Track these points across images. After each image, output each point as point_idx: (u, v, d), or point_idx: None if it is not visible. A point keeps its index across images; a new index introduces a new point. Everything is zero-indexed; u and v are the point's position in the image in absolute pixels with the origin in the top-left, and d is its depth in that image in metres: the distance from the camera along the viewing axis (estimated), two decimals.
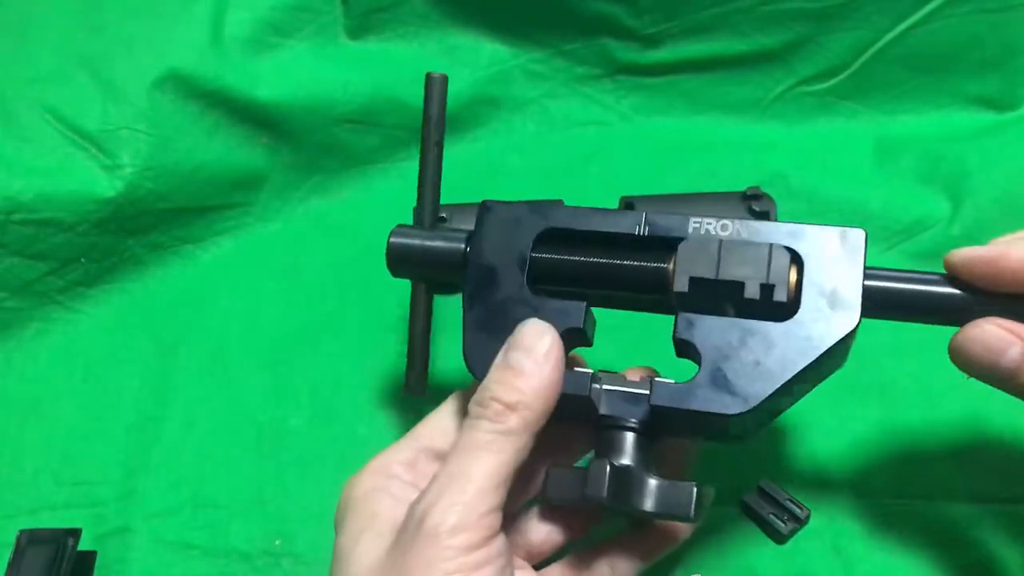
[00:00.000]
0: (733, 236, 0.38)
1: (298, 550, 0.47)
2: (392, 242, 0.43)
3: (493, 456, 0.35)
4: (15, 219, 0.53)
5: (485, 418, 0.36)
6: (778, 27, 0.61)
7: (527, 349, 0.37)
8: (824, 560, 0.46)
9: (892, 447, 0.49)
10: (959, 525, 0.46)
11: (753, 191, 0.56)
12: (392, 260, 0.43)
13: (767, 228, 0.39)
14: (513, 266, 0.40)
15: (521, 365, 0.36)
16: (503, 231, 0.40)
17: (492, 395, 0.36)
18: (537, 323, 0.37)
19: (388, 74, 0.62)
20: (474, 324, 0.40)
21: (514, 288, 0.40)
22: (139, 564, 0.47)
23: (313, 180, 0.62)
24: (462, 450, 0.36)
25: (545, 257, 0.40)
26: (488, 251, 0.40)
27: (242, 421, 0.52)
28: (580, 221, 0.40)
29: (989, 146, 0.59)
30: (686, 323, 0.38)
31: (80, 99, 0.55)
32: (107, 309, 0.57)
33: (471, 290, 0.40)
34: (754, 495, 0.47)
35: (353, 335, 0.55)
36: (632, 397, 0.39)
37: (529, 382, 0.36)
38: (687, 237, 0.39)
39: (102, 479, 0.50)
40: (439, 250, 0.42)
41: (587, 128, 0.65)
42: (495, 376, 0.36)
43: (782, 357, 0.37)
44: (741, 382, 0.37)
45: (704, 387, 0.38)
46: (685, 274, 0.38)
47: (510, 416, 0.35)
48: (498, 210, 0.41)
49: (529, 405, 0.36)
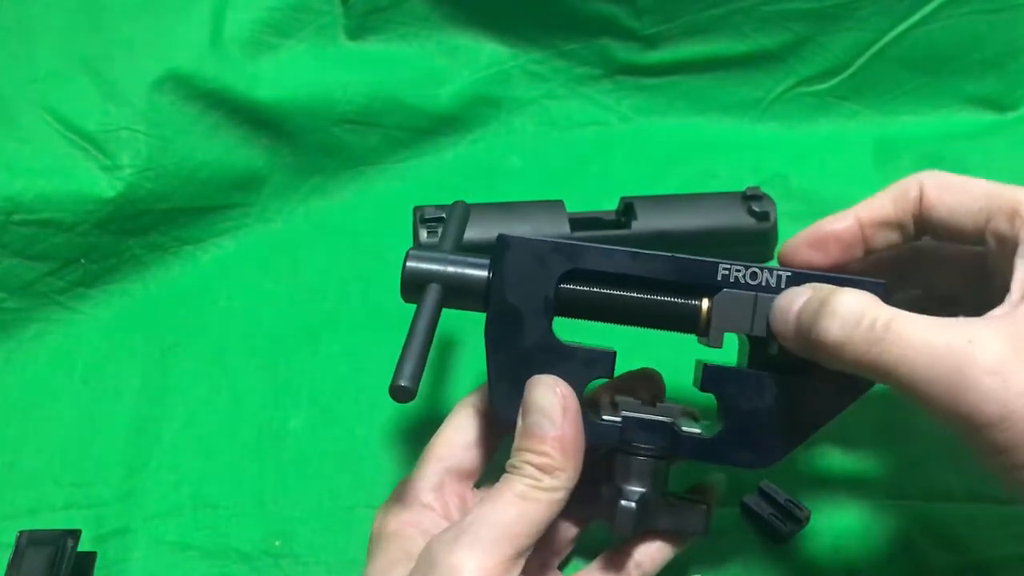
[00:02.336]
0: (762, 285, 0.38)
1: (298, 551, 0.47)
2: (409, 267, 0.39)
3: (529, 505, 0.35)
4: (15, 219, 0.53)
5: (522, 475, 0.36)
6: (778, 28, 0.61)
7: (541, 411, 0.37)
8: (824, 561, 0.46)
9: (892, 447, 0.49)
10: (959, 525, 0.46)
11: (753, 191, 0.56)
12: (408, 285, 0.39)
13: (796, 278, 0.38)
14: (538, 311, 0.38)
15: (540, 429, 0.36)
16: (526, 271, 0.38)
17: (524, 460, 0.36)
18: (545, 381, 0.37)
19: (388, 75, 0.62)
20: (499, 371, 0.39)
21: (539, 335, 0.38)
22: (139, 565, 0.46)
23: (313, 180, 0.62)
24: (496, 496, 0.36)
25: (571, 288, 0.39)
26: (511, 291, 0.38)
27: (242, 422, 0.52)
28: (608, 263, 0.39)
29: (989, 146, 0.59)
30: (713, 374, 0.39)
31: (80, 100, 0.55)
32: (107, 310, 0.57)
33: (495, 334, 0.39)
34: (754, 496, 0.46)
35: (353, 335, 0.55)
36: (655, 425, 0.39)
37: (552, 444, 0.36)
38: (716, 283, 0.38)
39: (102, 480, 0.50)
40: (461, 278, 0.39)
41: (587, 128, 0.65)
42: (520, 443, 0.37)
43: (807, 412, 0.38)
44: (766, 438, 0.38)
45: (730, 443, 0.38)
46: (720, 330, 0.38)
47: (545, 477, 0.36)
48: (519, 247, 0.38)
49: (560, 466, 0.36)
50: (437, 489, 0.40)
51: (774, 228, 0.56)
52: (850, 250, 0.40)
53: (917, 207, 0.38)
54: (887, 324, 0.32)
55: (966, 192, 0.37)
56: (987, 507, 0.47)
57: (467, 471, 0.41)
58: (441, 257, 0.40)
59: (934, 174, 0.38)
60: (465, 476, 0.41)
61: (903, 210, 0.39)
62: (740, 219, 0.56)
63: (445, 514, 0.40)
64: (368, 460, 0.50)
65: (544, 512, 0.36)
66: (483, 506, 0.35)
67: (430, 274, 0.39)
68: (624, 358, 0.40)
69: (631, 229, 0.55)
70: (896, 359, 0.32)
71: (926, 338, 0.31)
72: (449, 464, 0.40)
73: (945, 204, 0.37)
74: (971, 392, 0.30)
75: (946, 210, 0.37)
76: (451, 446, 0.41)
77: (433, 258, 0.40)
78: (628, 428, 0.39)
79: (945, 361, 0.31)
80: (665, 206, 0.56)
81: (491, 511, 0.35)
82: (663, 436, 0.39)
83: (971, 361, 0.30)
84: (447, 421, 0.42)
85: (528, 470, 0.36)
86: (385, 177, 0.63)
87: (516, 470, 0.36)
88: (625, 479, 0.39)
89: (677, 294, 0.39)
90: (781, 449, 0.38)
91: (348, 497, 0.49)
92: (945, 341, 0.31)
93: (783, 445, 0.38)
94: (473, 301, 0.39)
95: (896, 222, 0.39)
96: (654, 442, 0.39)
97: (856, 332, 0.33)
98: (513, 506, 0.35)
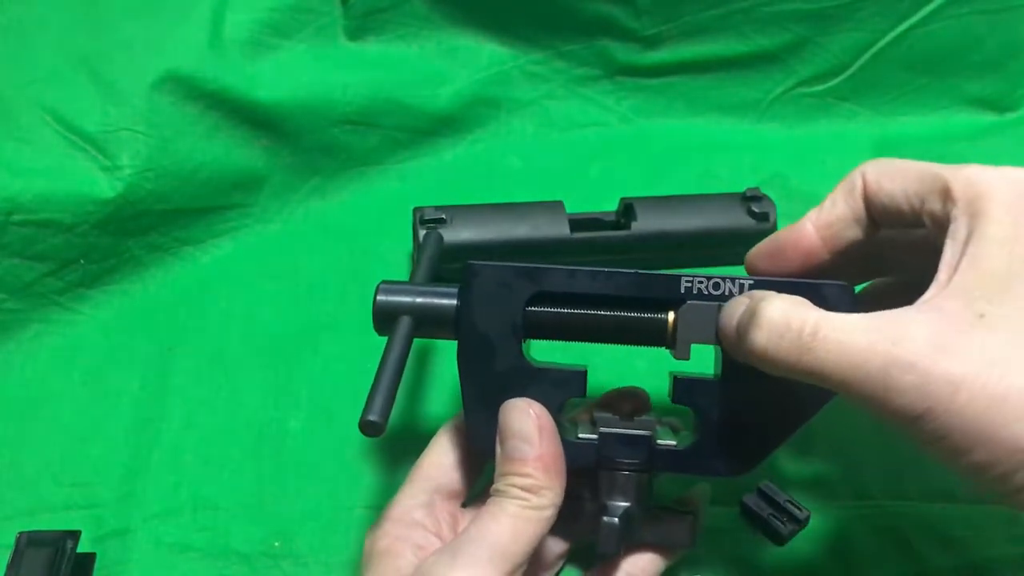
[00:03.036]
0: (725, 295, 0.38)
1: (297, 551, 0.47)
2: (379, 300, 0.40)
3: (521, 523, 0.36)
4: (14, 220, 0.53)
5: (510, 497, 0.36)
6: (777, 28, 0.61)
7: (517, 434, 0.37)
8: (823, 561, 0.46)
9: (892, 448, 0.49)
10: (958, 526, 0.46)
11: (752, 192, 0.56)
12: (379, 319, 0.40)
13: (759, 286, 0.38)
14: (508, 335, 0.39)
15: (520, 452, 0.37)
16: (492, 297, 0.39)
17: (509, 483, 0.37)
18: (518, 405, 0.38)
19: (387, 75, 0.62)
20: (473, 399, 0.39)
21: (511, 359, 0.39)
22: (138, 566, 0.46)
23: (312, 181, 0.62)
24: (488, 515, 0.36)
25: (538, 311, 0.39)
26: (479, 319, 0.39)
27: (241, 422, 0.52)
28: (571, 284, 0.39)
29: (989, 147, 0.59)
30: (684, 387, 0.39)
31: (79, 100, 0.55)
32: (106, 310, 0.57)
33: (466, 362, 0.39)
34: (754, 496, 0.46)
35: (352, 336, 0.55)
36: (632, 439, 0.39)
37: (534, 465, 0.37)
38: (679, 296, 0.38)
39: (101, 480, 0.50)
40: (431, 308, 0.40)
41: (586, 129, 0.65)
42: (504, 468, 0.37)
43: (780, 418, 0.38)
44: (740, 446, 0.38)
45: (704, 453, 0.39)
46: (686, 342, 0.38)
47: (532, 497, 0.36)
48: (485, 274, 0.39)
49: (546, 484, 0.37)
50: (427, 507, 0.40)
51: (774, 229, 0.56)
52: (811, 257, 0.40)
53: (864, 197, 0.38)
54: (814, 331, 0.32)
55: (902, 175, 0.36)
56: (986, 508, 0.47)
57: (454, 491, 0.41)
58: (410, 289, 0.40)
59: (875, 162, 0.38)
60: (453, 496, 0.41)
61: (854, 205, 0.38)
62: (740, 220, 0.56)
63: (436, 531, 0.40)
64: (367, 461, 0.50)
65: (536, 529, 0.36)
66: (477, 525, 0.36)
67: (400, 306, 0.40)
68: (606, 373, 0.40)
69: (631, 230, 0.55)
70: (824, 365, 0.32)
71: (852, 341, 0.31)
72: (437, 484, 0.41)
73: (884, 190, 0.37)
74: (895, 391, 0.30)
75: (885, 196, 0.37)
76: (438, 467, 0.41)
77: (403, 290, 0.40)
78: (606, 444, 0.39)
79: (870, 364, 0.31)
80: (665, 207, 0.56)
81: (485, 530, 0.36)
82: (641, 450, 0.39)
83: (893, 360, 0.30)
84: (432, 443, 0.42)
85: (515, 492, 0.36)
86: (385, 178, 0.63)
87: (503, 493, 0.37)
88: (608, 495, 0.39)
89: (644, 309, 0.39)
90: (755, 456, 0.39)
91: (347, 498, 0.49)
92: (869, 343, 0.31)
93: (757, 452, 0.38)
94: (444, 330, 0.40)
95: (851, 218, 0.39)
96: (633, 456, 0.39)
97: (783, 341, 0.33)
98: (506, 525, 0.36)
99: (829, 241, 0.39)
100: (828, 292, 0.37)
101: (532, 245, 0.54)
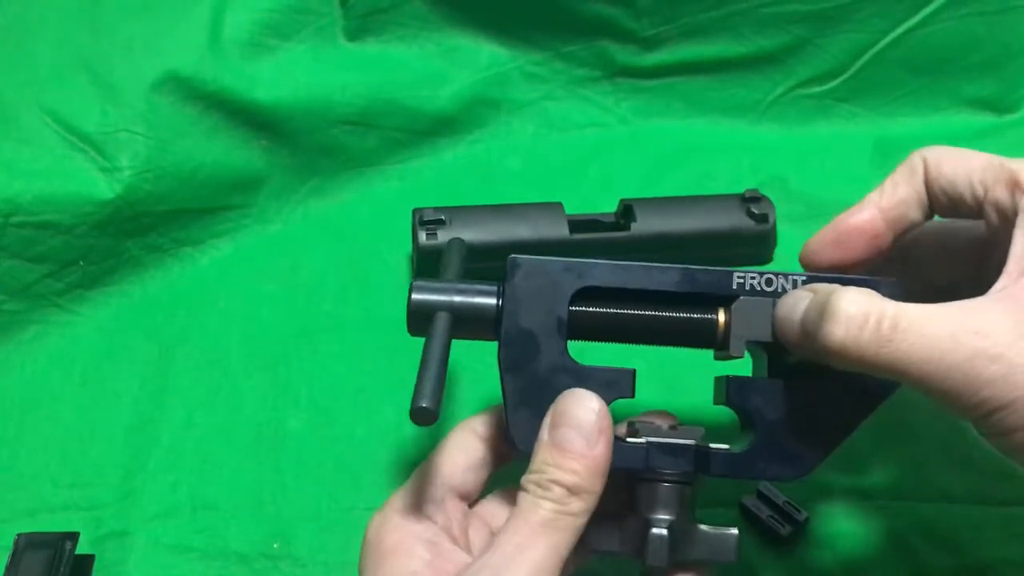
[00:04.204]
0: (778, 291, 0.37)
1: (296, 552, 0.47)
2: (414, 299, 0.38)
3: (556, 534, 0.34)
4: (14, 221, 0.53)
5: (547, 498, 0.34)
6: (776, 30, 0.61)
7: (575, 426, 0.35)
8: (822, 563, 0.46)
9: (890, 449, 0.49)
10: (957, 527, 0.46)
11: (752, 193, 0.56)
12: (415, 318, 0.38)
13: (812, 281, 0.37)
14: (552, 332, 0.37)
15: (572, 445, 0.35)
16: (537, 292, 0.37)
17: (551, 479, 0.34)
18: (581, 394, 0.36)
19: (387, 76, 0.62)
20: (516, 397, 0.37)
21: (555, 356, 0.37)
22: (137, 567, 0.46)
23: (312, 182, 0.62)
24: (521, 526, 0.34)
25: (583, 311, 0.38)
26: (523, 314, 0.37)
27: (241, 423, 0.52)
28: (618, 278, 0.38)
29: (988, 148, 0.58)
30: (738, 387, 0.38)
31: (79, 101, 0.55)
32: (106, 311, 0.57)
33: (508, 359, 0.37)
34: (753, 498, 0.47)
35: (352, 337, 0.55)
36: (676, 449, 0.37)
37: (584, 462, 0.34)
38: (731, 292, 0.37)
39: (100, 481, 0.50)
40: (470, 307, 0.38)
41: (586, 130, 0.65)
42: (547, 457, 0.35)
43: (839, 417, 0.37)
44: (799, 447, 0.37)
45: (762, 456, 0.37)
46: (741, 338, 0.37)
47: (572, 500, 0.34)
48: (528, 266, 0.37)
49: (588, 488, 0.34)
50: (439, 503, 0.38)
51: (773, 230, 0.56)
52: (875, 242, 0.38)
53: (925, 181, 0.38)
54: (893, 322, 0.31)
55: (965, 163, 0.36)
56: (986, 509, 0.47)
57: (466, 492, 0.40)
58: (447, 287, 0.38)
59: (935, 148, 0.38)
60: (464, 497, 0.40)
61: (917, 187, 0.38)
62: (739, 221, 0.56)
63: (446, 527, 0.38)
64: (367, 461, 0.50)
65: (570, 540, 0.34)
66: (509, 541, 0.34)
67: (437, 305, 0.38)
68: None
69: (630, 231, 0.55)
70: (906, 358, 0.31)
71: (933, 333, 0.31)
72: (452, 483, 0.39)
73: (944, 175, 0.37)
74: (980, 381, 0.30)
75: (946, 181, 0.36)
76: (453, 466, 0.39)
77: (439, 288, 0.38)
78: (652, 454, 0.37)
79: (954, 355, 0.30)
80: (664, 208, 0.56)
81: (517, 545, 0.33)
82: (688, 459, 0.37)
83: (978, 351, 0.30)
84: (448, 441, 0.40)
85: (555, 491, 0.34)
86: (384, 178, 0.63)
87: (541, 489, 0.34)
88: (651, 509, 0.37)
89: (691, 308, 0.38)
90: (814, 457, 0.37)
91: (347, 498, 0.49)
92: (950, 334, 0.31)
93: (816, 453, 0.37)
94: (483, 329, 0.38)
95: (915, 200, 0.38)
96: (679, 466, 0.37)
97: (862, 334, 0.32)
98: (541, 538, 0.34)
99: (894, 224, 0.38)
100: (884, 289, 0.35)
101: (531, 246, 0.54)
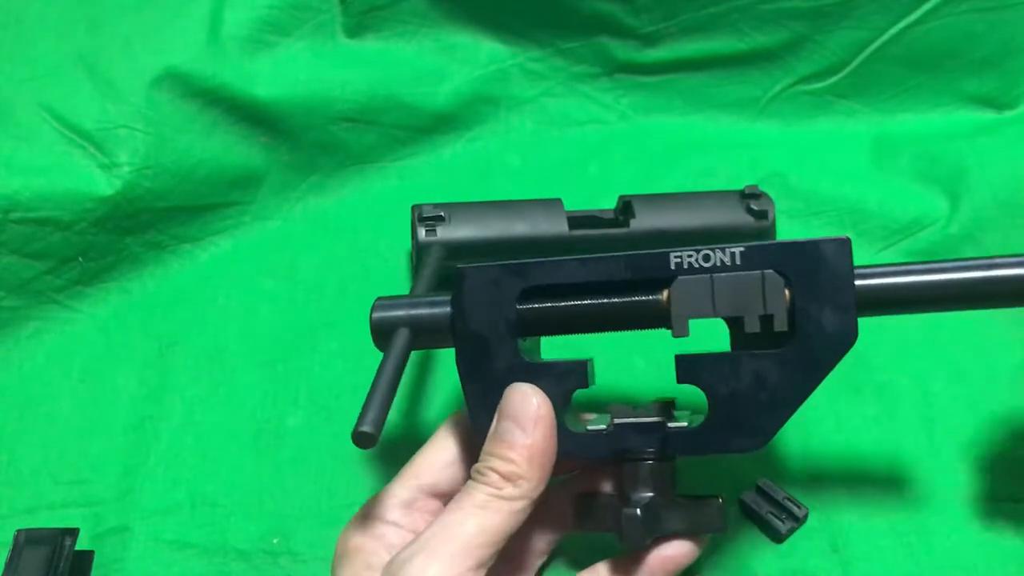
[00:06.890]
0: (717, 266, 0.38)
1: (296, 548, 0.47)
2: (375, 317, 0.41)
3: (488, 515, 0.35)
4: (12, 218, 0.53)
5: (484, 483, 0.36)
6: (776, 26, 0.61)
7: (513, 417, 0.37)
8: (822, 559, 0.46)
9: (890, 446, 0.49)
10: (957, 524, 0.46)
11: (751, 190, 0.56)
12: (377, 334, 0.41)
13: (750, 252, 0.38)
14: (503, 334, 0.39)
15: (510, 436, 0.37)
16: (484, 298, 0.39)
17: (489, 466, 0.36)
18: (520, 388, 0.38)
19: (386, 73, 0.62)
20: (475, 400, 0.39)
21: (509, 356, 0.39)
22: (137, 563, 0.47)
23: (311, 179, 0.62)
24: (456, 507, 0.36)
25: (531, 308, 0.39)
26: (472, 320, 0.39)
27: (240, 420, 0.52)
28: (560, 274, 0.39)
29: (987, 145, 0.59)
30: (687, 365, 0.38)
31: (78, 97, 0.55)
32: (105, 308, 0.57)
33: (465, 364, 0.39)
34: (752, 494, 0.47)
35: (351, 334, 0.55)
36: (646, 427, 0.39)
37: (519, 451, 0.36)
38: (671, 273, 0.38)
39: (100, 478, 0.50)
40: (427, 318, 0.40)
41: (585, 127, 0.65)
42: (489, 448, 0.37)
43: (790, 385, 0.37)
44: (753, 418, 0.38)
45: (718, 430, 0.38)
46: (683, 317, 0.38)
47: (507, 486, 0.36)
48: (474, 275, 0.39)
49: (525, 475, 0.36)
50: (407, 506, 0.40)
51: (772, 226, 0.56)
52: None
53: None
54: None
55: None
56: (986, 505, 0.47)
57: (443, 491, 0.40)
58: (405, 302, 0.41)
59: None
60: (440, 495, 0.40)
61: None
62: (739, 217, 0.56)
63: (413, 529, 0.39)
64: (366, 458, 0.50)
65: (504, 523, 0.36)
66: (443, 518, 0.36)
67: (396, 320, 0.40)
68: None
69: (629, 228, 0.55)
70: None
71: None
72: (425, 482, 0.40)
73: None
74: None
75: None
76: (430, 464, 0.41)
77: (398, 304, 0.41)
78: (621, 434, 0.39)
79: None
80: (663, 205, 0.56)
81: (450, 523, 0.35)
82: (655, 437, 0.39)
83: None
84: (431, 439, 0.42)
85: (491, 477, 0.36)
86: (383, 175, 0.63)
87: (479, 476, 0.36)
88: (631, 486, 0.39)
89: (638, 291, 0.39)
90: (770, 427, 0.38)
91: (346, 495, 0.49)
92: None
93: (772, 423, 0.38)
94: (442, 338, 0.40)
95: None
96: (648, 445, 0.38)
97: None
98: (472, 517, 0.35)
99: None
100: (827, 248, 0.36)
101: (530, 243, 0.54)
